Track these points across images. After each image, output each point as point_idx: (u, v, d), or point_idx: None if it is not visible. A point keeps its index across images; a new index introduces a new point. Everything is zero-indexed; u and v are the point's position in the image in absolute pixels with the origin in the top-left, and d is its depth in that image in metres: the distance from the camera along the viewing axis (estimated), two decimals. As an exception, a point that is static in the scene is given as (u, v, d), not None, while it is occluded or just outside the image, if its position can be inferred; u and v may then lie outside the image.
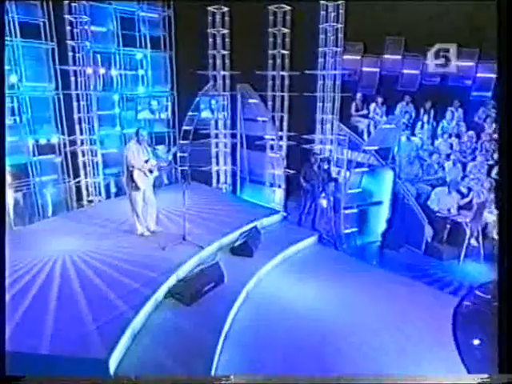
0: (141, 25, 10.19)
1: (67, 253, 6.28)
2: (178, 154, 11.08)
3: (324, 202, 8.89)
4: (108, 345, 4.18)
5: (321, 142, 9.66)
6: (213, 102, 10.18)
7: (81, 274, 5.66)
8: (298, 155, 10.06)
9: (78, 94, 9.21)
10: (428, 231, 7.76)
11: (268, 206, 9.10)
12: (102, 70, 9.91)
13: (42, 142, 9.39)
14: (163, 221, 7.63)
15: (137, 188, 6.81)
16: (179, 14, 10.21)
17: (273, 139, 9.92)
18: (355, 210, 7.78)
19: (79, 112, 9.27)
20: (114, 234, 7.13)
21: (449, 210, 8.00)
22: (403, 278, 6.73)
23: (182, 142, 11.04)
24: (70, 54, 8.92)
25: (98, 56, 9.74)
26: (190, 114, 10.71)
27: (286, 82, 9.90)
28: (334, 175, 8.73)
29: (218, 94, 10.20)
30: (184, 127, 10.73)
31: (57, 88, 9.09)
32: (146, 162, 6.85)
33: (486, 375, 2.12)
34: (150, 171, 6.89)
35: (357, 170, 7.63)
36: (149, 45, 10.22)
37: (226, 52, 10.13)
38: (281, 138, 10.08)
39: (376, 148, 7.72)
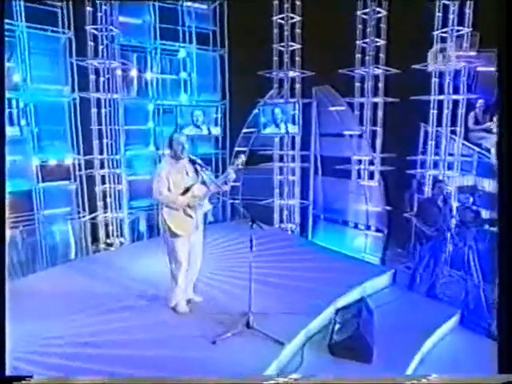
0: (185, 16, 7.91)
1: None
2: (229, 184, 8.56)
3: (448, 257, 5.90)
4: None
5: (434, 166, 6.75)
6: (277, 111, 7.57)
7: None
8: (395, 184, 7.21)
9: (98, 99, 6.88)
10: None
11: (363, 259, 6.20)
12: (133, 72, 7.63)
13: (52, 163, 7.07)
14: (204, 285, 4.87)
15: (174, 234, 4.14)
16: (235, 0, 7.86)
17: (361, 161, 7.16)
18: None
19: (100, 123, 6.91)
20: (129, 303, 4.46)
21: None
22: None
23: (232, 167, 8.52)
24: (91, 44, 6.64)
25: (130, 54, 7.50)
26: (245, 130, 8.25)
27: (381, 83, 7.18)
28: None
29: (285, 102, 7.61)
30: (237, 148, 8.24)
31: (73, 90, 6.80)
32: (187, 190, 4.17)
33: (486, 375, 2.19)
34: (190, 206, 4.19)
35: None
36: (194, 41, 7.86)
37: (296, 46, 7.60)
38: (371, 162, 7.27)
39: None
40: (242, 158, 4.24)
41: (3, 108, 2.70)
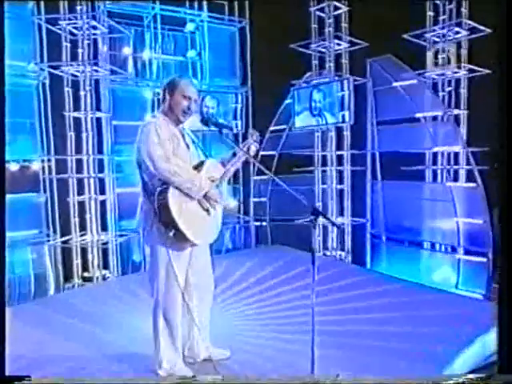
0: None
1: None
2: (252, 200, 6.96)
3: None
4: None
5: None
6: (317, 95, 6.03)
7: None
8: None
9: (76, 79, 5.46)
10: None
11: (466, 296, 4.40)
12: (126, 50, 6.24)
13: (13, 167, 5.60)
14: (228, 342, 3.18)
15: (180, 239, 2.53)
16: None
17: (440, 156, 5.51)
18: None
19: (75, 108, 5.46)
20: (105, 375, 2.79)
21: None
22: None
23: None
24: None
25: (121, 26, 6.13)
26: (273, 128, 6.74)
27: (464, 50, 5.61)
28: None
29: (329, 82, 6.07)
30: (262, 152, 6.66)
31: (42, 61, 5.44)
32: (198, 168, 2.66)
33: (486, 375, 2.29)
34: (207, 198, 2.63)
35: None
36: (206, 10, 6.49)
37: (342, 8, 6.15)
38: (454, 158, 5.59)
39: None
40: (257, 133, 2.85)
41: (3, 107, 2.41)
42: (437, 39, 5.71)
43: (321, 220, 2.34)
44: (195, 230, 2.53)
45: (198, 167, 2.67)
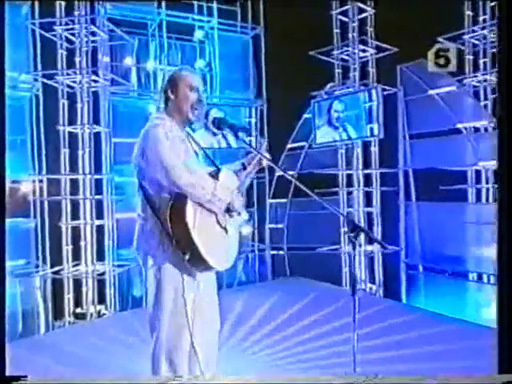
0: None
1: None
2: (267, 226, 6.46)
3: None
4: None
5: None
6: (338, 106, 5.57)
7: None
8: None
9: (72, 90, 5.08)
10: None
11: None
12: (128, 60, 5.87)
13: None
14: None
15: (197, 263, 2.07)
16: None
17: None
18: None
19: (71, 122, 5.06)
20: None
21: None
22: None
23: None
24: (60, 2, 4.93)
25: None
26: (290, 145, 6.30)
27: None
28: None
29: (354, 92, 5.61)
30: (278, 173, 6.18)
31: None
32: (213, 177, 2.18)
33: (485, 375, 2.36)
34: (228, 210, 2.18)
35: None
36: (216, 16, 6.14)
37: (367, 10, 5.74)
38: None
39: None
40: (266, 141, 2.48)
41: (3, 108, 2.33)
42: (476, 41, 5.24)
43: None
44: (212, 251, 2.09)
45: (213, 177, 2.21)
